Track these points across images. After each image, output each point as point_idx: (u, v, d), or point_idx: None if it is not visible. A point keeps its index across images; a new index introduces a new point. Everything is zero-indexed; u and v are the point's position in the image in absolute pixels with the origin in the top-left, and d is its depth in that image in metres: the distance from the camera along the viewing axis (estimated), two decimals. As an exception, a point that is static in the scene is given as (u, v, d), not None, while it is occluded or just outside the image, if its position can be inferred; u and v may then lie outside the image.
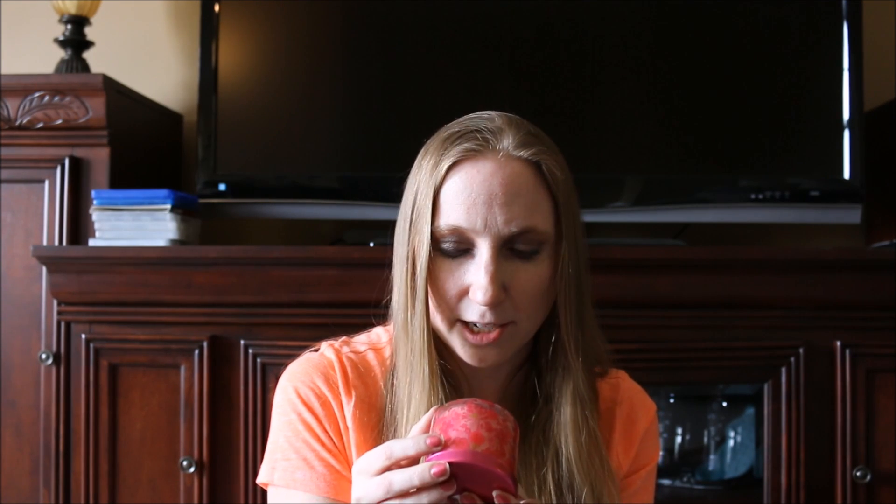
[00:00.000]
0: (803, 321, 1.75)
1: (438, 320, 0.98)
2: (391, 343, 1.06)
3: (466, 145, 0.97)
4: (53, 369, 1.81)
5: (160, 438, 1.77)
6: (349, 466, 1.00)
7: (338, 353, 1.05)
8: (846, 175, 1.92)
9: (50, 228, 1.86)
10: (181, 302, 1.76)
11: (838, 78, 1.93)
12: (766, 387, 1.75)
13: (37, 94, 1.87)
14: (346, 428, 1.01)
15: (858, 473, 1.71)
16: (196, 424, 1.76)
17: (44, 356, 1.81)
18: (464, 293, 0.96)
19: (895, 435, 1.73)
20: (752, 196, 1.92)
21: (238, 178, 1.96)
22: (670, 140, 1.97)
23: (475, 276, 0.94)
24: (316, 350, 1.07)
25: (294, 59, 2.01)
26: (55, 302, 1.80)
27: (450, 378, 1.00)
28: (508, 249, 0.95)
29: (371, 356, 1.06)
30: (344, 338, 1.09)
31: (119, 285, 1.76)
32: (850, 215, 1.93)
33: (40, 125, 1.87)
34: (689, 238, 2.04)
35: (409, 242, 0.98)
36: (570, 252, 0.98)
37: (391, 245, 1.04)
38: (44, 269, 1.81)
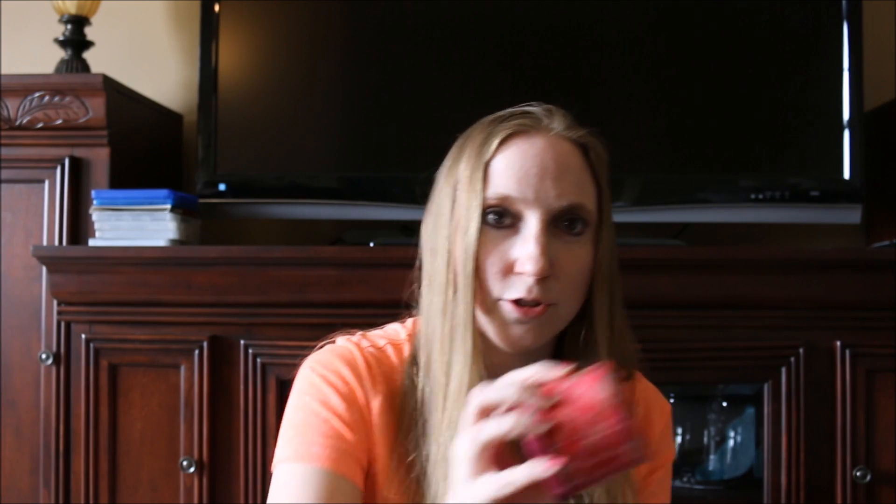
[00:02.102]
0: (803, 321, 1.74)
1: (478, 302, 0.95)
2: (410, 340, 1.04)
3: (518, 121, 0.98)
4: (53, 369, 1.81)
5: (160, 438, 1.77)
6: (366, 462, 0.98)
7: (358, 346, 1.02)
8: (846, 175, 1.92)
9: (50, 228, 1.86)
10: (181, 302, 1.76)
11: (838, 78, 1.93)
12: (766, 387, 1.74)
13: (37, 94, 1.87)
14: (371, 425, 0.98)
15: (858, 473, 1.71)
16: (196, 424, 1.76)
17: (44, 356, 1.81)
18: (509, 269, 0.95)
19: (895, 435, 1.73)
20: (752, 196, 1.92)
21: (238, 178, 1.96)
22: (670, 140, 1.97)
23: (524, 249, 0.94)
24: (332, 341, 1.05)
25: (294, 59, 2.01)
26: (55, 302, 1.80)
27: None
28: (554, 226, 0.95)
29: (391, 352, 1.04)
30: (359, 332, 1.06)
31: (119, 285, 1.76)
32: (850, 215, 1.93)
33: (40, 125, 1.87)
34: (689, 238, 2.04)
35: (452, 220, 0.97)
36: (608, 240, 0.99)
37: (417, 242, 1.03)
38: (44, 269, 1.81)
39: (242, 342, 1.76)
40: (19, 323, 1.85)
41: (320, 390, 0.99)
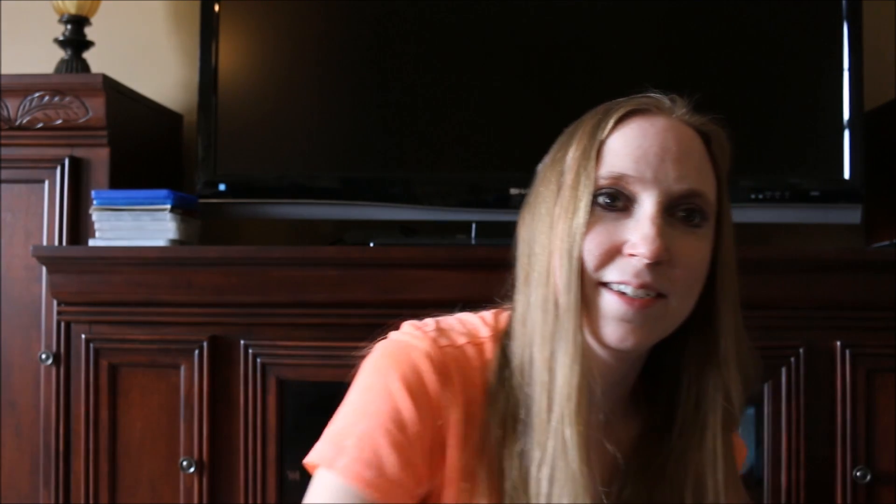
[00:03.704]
0: (803, 321, 1.74)
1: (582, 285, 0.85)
2: (494, 340, 0.92)
3: (639, 101, 0.91)
4: (53, 369, 1.81)
5: (160, 438, 1.77)
6: (426, 484, 0.87)
7: (436, 344, 0.89)
8: (846, 175, 1.92)
9: (50, 228, 1.86)
10: (181, 302, 1.76)
11: (838, 78, 1.93)
12: (766, 387, 1.74)
13: (37, 94, 1.87)
14: (444, 443, 0.87)
15: (858, 473, 1.71)
16: (196, 424, 1.76)
17: (44, 356, 1.81)
18: (615, 251, 0.85)
19: (895, 435, 1.73)
20: (752, 196, 1.92)
21: (238, 178, 1.96)
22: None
23: (637, 230, 0.84)
24: (400, 329, 0.93)
25: (294, 58, 2.01)
26: (55, 302, 1.80)
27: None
28: (670, 215, 0.86)
29: (472, 353, 0.91)
30: (432, 321, 0.93)
31: (119, 285, 1.76)
32: (850, 215, 1.93)
33: (40, 125, 1.87)
34: (689, 238, 2.03)
35: (556, 206, 0.88)
36: (729, 238, 0.91)
37: (513, 241, 0.94)
38: (44, 269, 1.81)
39: (242, 342, 1.76)
40: (19, 323, 1.85)
41: (394, 398, 0.86)
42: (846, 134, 1.92)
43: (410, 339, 0.90)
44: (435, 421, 0.86)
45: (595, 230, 0.85)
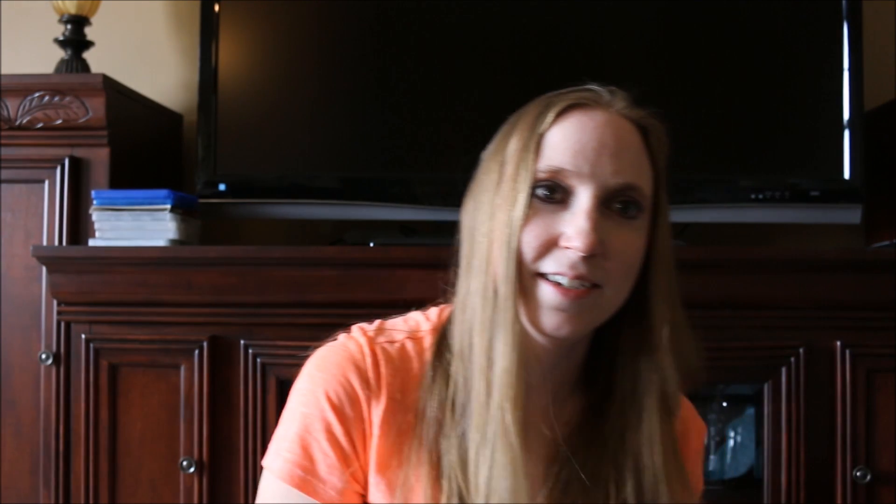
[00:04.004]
0: (803, 321, 1.74)
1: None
2: (434, 332, 0.97)
3: (578, 94, 0.93)
4: (53, 369, 1.81)
5: (160, 438, 1.77)
6: (364, 475, 0.93)
7: (371, 342, 0.96)
8: (846, 175, 1.92)
9: (50, 228, 1.86)
10: (181, 302, 1.76)
11: (838, 78, 1.93)
12: (766, 387, 1.74)
13: (37, 94, 1.87)
14: (371, 434, 0.93)
15: (858, 473, 1.71)
16: (196, 424, 1.76)
17: (44, 356, 1.81)
18: (552, 243, 0.88)
19: (895, 435, 1.73)
20: (752, 196, 1.92)
21: (238, 178, 1.96)
22: (670, 140, 1.96)
23: (572, 223, 0.87)
24: (348, 334, 0.98)
25: (294, 58, 2.01)
26: (55, 302, 1.80)
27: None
28: (606, 207, 0.89)
29: (410, 346, 0.97)
30: (378, 322, 1.00)
31: (119, 285, 1.76)
32: (850, 215, 1.93)
33: (40, 125, 1.87)
34: (689, 238, 2.04)
35: (497, 196, 0.91)
36: (664, 230, 0.93)
37: (457, 233, 0.98)
38: (44, 269, 1.81)
39: (242, 342, 1.76)
40: (19, 323, 1.85)
41: (319, 403, 0.93)
42: (846, 134, 1.92)
43: (346, 340, 0.97)
44: (360, 416, 0.93)
45: (533, 222, 0.88)
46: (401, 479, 0.92)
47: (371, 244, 1.83)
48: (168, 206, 1.82)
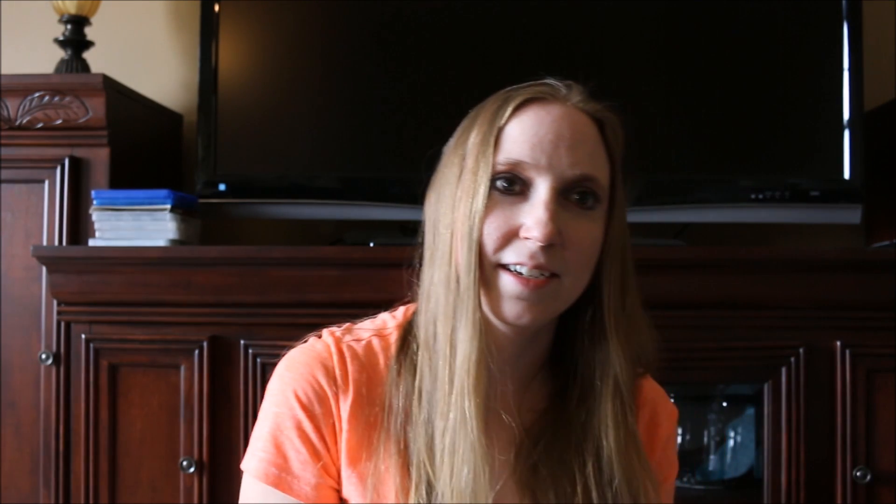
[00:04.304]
0: (803, 321, 1.75)
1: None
2: (400, 329, 1.01)
3: (536, 89, 0.96)
4: (53, 369, 1.81)
5: (160, 438, 1.77)
6: (337, 469, 0.96)
7: (338, 341, 1.00)
8: (846, 175, 1.92)
9: (50, 228, 1.86)
10: (181, 302, 1.76)
11: (838, 78, 1.93)
12: (766, 387, 1.75)
13: (37, 94, 1.87)
14: (341, 429, 0.96)
15: (858, 473, 1.71)
16: (196, 424, 1.76)
17: (44, 356, 1.81)
18: (512, 234, 0.91)
19: (895, 435, 1.73)
20: (752, 196, 1.92)
21: (238, 178, 1.96)
22: (670, 140, 1.97)
23: (531, 214, 0.90)
24: (318, 336, 1.03)
25: (294, 58, 2.01)
26: (55, 302, 1.80)
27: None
28: (564, 198, 0.92)
29: (376, 343, 1.00)
30: (347, 324, 1.04)
31: (119, 285, 1.76)
32: (850, 215, 1.93)
33: (40, 125, 1.87)
34: (689, 238, 2.04)
35: (458, 189, 0.94)
36: (620, 221, 0.95)
37: (421, 219, 1.00)
38: (44, 269, 1.81)
39: (242, 342, 1.76)
40: (19, 323, 1.85)
41: (288, 401, 0.97)
42: (846, 134, 1.92)
43: (314, 341, 1.02)
44: (328, 412, 0.96)
45: (493, 214, 0.91)
46: (370, 470, 0.94)
47: (371, 244, 1.83)
48: (168, 206, 1.82)
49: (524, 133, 0.92)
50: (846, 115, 1.92)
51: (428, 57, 1.97)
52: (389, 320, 1.04)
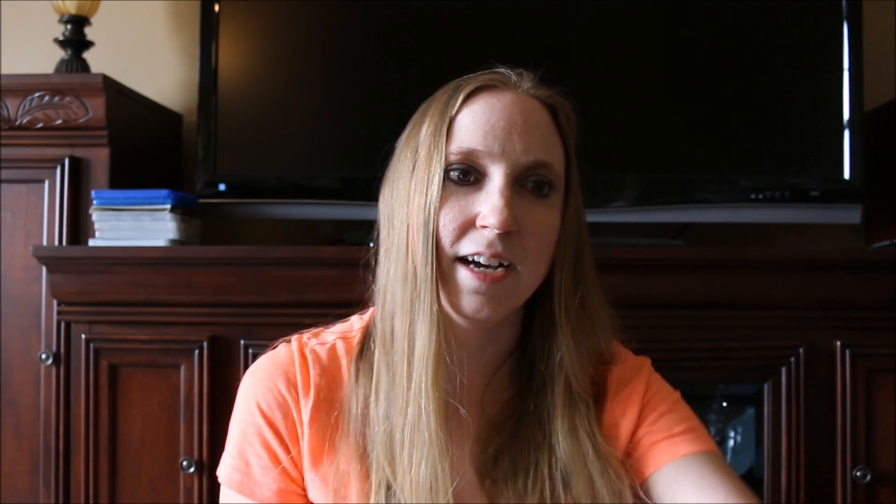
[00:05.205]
0: (803, 321, 1.74)
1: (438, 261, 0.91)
2: (363, 330, 1.02)
3: (486, 77, 0.96)
4: (53, 369, 1.81)
5: (160, 438, 1.77)
6: (301, 473, 0.97)
7: (301, 347, 1.01)
8: (846, 175, 1.92)
9: (50, 228, 1.86)
10: (181, 302, 1.76)
11: (838, 78, 1.93)
12: (766, 387, 1.75)
13: (37, 94, 1.87)
14: (302, 433, 0.97)
15: (858, 473, 1.71)
16: (196, 424, 1.76)
17: (44, 356, 1.81)
18: (469, 224, 0.90)
19: (895, 435, 1.73)
20: (752, 196, 1.92)
21: (238, 178, 1.96)
22: (670, 140, 1.97)
23: (486, 202, 0.89)
24: (288, 341, 1.04)
25: (294, 58, 2.01)
26: (55, 302, 1.80)
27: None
28: (520, 186, 0.91)
29: (340, 346, 1.01)
30: (315, 329, 1.06)
31: (119, 285, 1.76)
32: (850, 215, 1.93)
33: (40, 125, 1.87)
34: (689, 238, 2.04)
35: (412, 182, 0.93)
36: (576, 209, 0.95)
37: (377, 201, 1.01)
38: (44, 269, 1.81)
39: (242, 342, 1.76)
40: (19, 323, 1.85)
41: (250, 409, 0.99)
42: (846, 134, 1.92)
43: (280, 347, 1.03)
44: (289, 417, 0.97)
45: (448, 204, 0.90)
46: (332, 472, 0.95)
47: (371, 244, 1.83)
48: (168, 206, 1.82)
49: (476, 121, 0.92)
50: (846, 115, 1.92)
51: (428, 57, 1.97)
52: (356, 322, 1.05)
